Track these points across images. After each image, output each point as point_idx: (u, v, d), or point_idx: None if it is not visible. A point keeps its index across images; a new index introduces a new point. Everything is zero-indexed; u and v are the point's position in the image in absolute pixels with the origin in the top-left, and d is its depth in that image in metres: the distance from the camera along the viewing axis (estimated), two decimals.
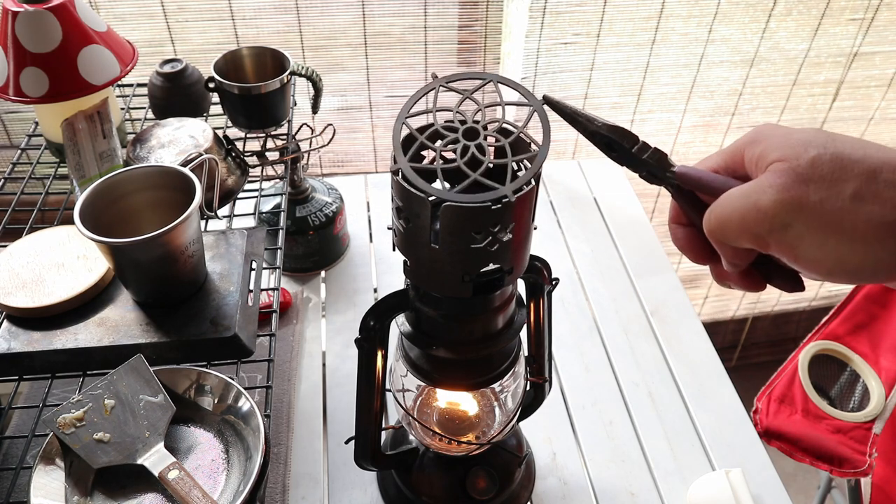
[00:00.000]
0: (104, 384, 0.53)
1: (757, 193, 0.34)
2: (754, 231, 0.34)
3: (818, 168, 0.33)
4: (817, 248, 0.33)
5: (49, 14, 0.70)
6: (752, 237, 0.35)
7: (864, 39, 1.28)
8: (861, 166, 0.32)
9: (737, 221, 0.35)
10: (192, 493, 0.48)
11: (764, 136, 0.36)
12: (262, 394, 0.76)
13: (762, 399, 0.93)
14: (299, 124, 0.89)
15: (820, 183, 0.32)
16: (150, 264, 0.57)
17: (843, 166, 0.32)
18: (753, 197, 0.34)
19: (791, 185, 0.33)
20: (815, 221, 0.32)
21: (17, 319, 0.60)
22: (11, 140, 1.13)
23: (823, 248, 0.33)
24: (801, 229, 0.33)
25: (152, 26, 1.06)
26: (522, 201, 0.44)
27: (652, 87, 1.28)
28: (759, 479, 0.78)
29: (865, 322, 0.91)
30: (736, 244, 0.36)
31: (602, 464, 0.80)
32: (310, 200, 0.96)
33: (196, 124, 0.72)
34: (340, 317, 0.95)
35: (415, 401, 0.69)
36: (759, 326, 1.81)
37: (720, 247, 0.38)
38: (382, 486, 0.75)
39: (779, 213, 0.33)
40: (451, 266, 0.46)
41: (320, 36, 1.12)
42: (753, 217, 0.34)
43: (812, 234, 0.33)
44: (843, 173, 0.32)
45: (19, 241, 0.66)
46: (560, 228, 1.12)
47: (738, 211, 0.35)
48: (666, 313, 0.98)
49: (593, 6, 1.14)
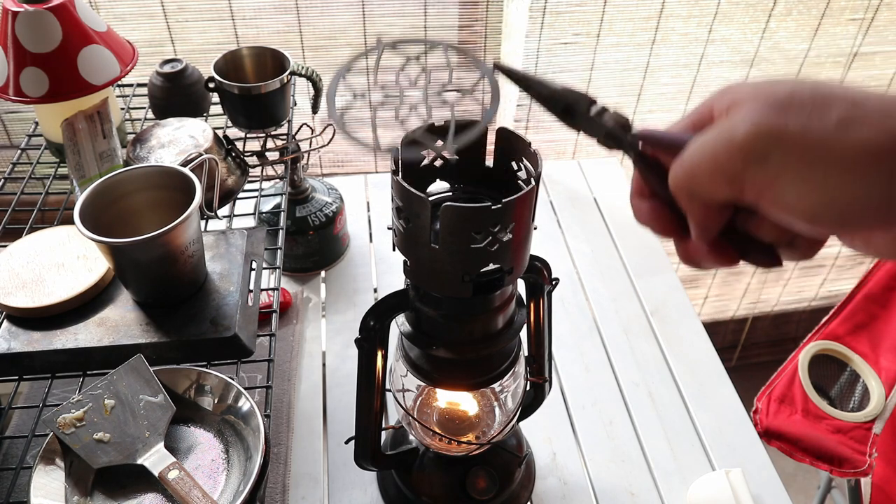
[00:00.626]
0: (104, 384, 0.53)
1: (729, 130, 0.30)
2: (727, 170, 0.30)
3: (797, 96, 0.29)
4: (801, 182, 0.29)
5: (49, 14, 0.70)
6: (725, 179, 0.31)
7: (864, 39, 1.28)
8: (845, 95, 0.29)
9: (708, 163, 0.31)
10: (192, 493, 0.48)
11: (733, 87, 0.33)
12: (262, 394, 0.76)
13: (762, 399, 0.93)
14: (299, 124, 0.89)
15: (800, 110, 0.29)
16: (150, 264, 0.57)
17: (824, 94, 0.29)
18: (726, 133, 0.30)
19: (768, 114, 0.29)
20: (796, 151, 0.29)
21: (17, 319, 0.60)
22: (11, 140, 1.13)
23: (808, 182, 0.29)
24: (781, 160, 0.29)
25: (152, 26, 1.06)
26: (522, 201, 0.44)
27: (652, 87, 1.28)
28: (759, 479, 0.78)
29: (865, 322, 0.91)
30: (707, 195, 0.32)
31: (602, 464, 0.80)
32: (310, 200, 0.96)
33: (196, 124, 0.72)
34: (340, 317, 0.95)
35: (415, 401, 0.69)
36: (759, 326, 1.81)
37: (689, 205, 0.34)
38: (382, 486, 0.75)
39: (756, 144, 0.29)
40: (451, 266, 0.46)
41: (320, 36, 1.12)
42: (725, 153, 0.30)
43: (794, 165, 0.29)
44: (825, 101, 0.29)
45: (19, 241, 0.66)
46: (560, 228, 1.12)
47: (708, 152, 0.31)
48: (666, 313, 0.98)
49: (593, 6, 1.14)
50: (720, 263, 0.36)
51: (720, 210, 0.33)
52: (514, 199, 0.43)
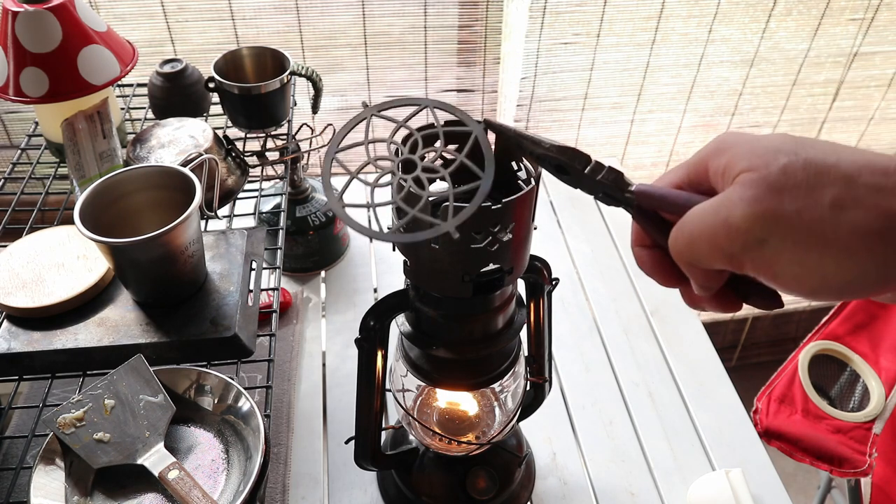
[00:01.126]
0: (104, 384, 0.53)
1: (727, 208, 0.31)
2: (726, 250, 0.31)
3: (791, 176, 0.30)
4: (797, 263, 0.30)
5: (49, 14, 0.70)
6: (724, 257, 0.32)
7: (864, 39, 1.28)
8: (837, 171, 0.29)
9: (706, 241, 0.32)
10: (192, 493, 0.48)
11: (728, 144, 0.33)
12: (262, 394, 0.76)
13: (762, 399, 0.93)
14: (299, 124, 0.89)
15: (795, 192, 0.30)
16: (150, 264, 0.57)
17: (817, 172, 0.30)
18: (723, 213, 0.31)
19: (763, 197, 0.30)
20: (792, 235, 0.30)
21: (17, 319, 0.60)
22: (11, 140, 1.13)
23: (804, 263, 0.30)
24: (778, 244, 0.30)
25: (152, 26, 1.06)
26: (522, 201, 0.44)
27: (652, 87, 1.28)
28: (759, 479, 0.78)
29: (865, 322, 0.91)
30: (707, 265, 0.33)
31: (602, 464, 0.80)
32: (310, 200, 0.96)
33: (196, 124, 0.72)
34: (340, 317, 0.95)
35: (415, 401, 0.69)
36: (759, 326, 1.81)
37: (689, 269, 0.34)
38: (382, 486, 0.75)
39: (752, 228, 0.30)
40: (451, 266, 0.46)
41: (320, 36, 1.12)
42: (724, 235, 0.31)
43: (790, 248, 0.30)
44: (818, 179, 0.29)
45: (19, 241, 0.66)
46: (560, 228, 1.12)
47: (707, 229, 0.32)
48: (666, 313, 0.98)
49: (593, 6, 1.14)
50: (723, 310, 0.37)
51: (719, 273, 0.34)
52: (514, 200, 0.43)
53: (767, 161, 0.31)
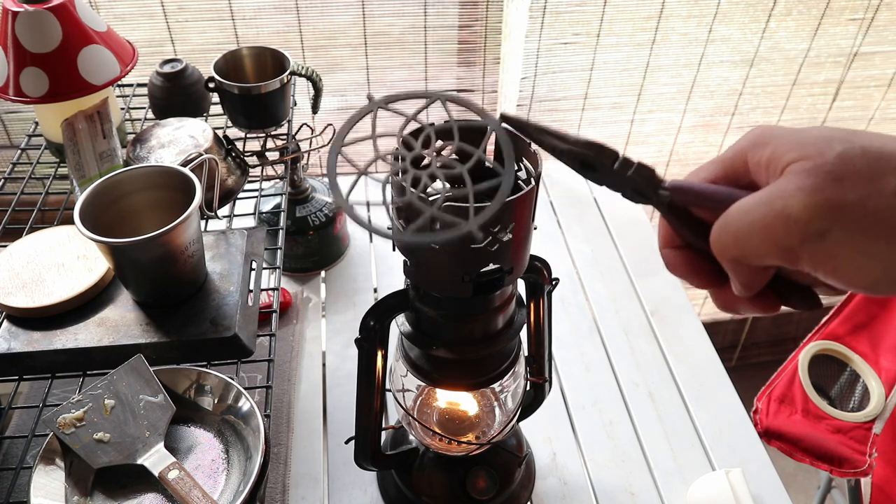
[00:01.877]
0: (104, 384, 0.53)
1: (782, 199, 0.29)
2: (782, 244, 0.29)
3: (850, 164, 0.28)
4: (861, 255, 0.28)
5: (49, 14, 0.70)
6: (778, 251, 0.30)
7: (864, 39, 1.28)
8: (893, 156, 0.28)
9: (759, 235, 0.30)
10: (192, 493, 0.48)
11: (769, 136, 0.31)
12: (262, 394, 0.76)
13: (762, 399, 0.93)
14: (299, 124, 0.89)
15: (856, 179, 0.28)
16: (150, 264, 0.57)
17: (878, 159, 0.28)
18: (778, 204, 0.29)
19: (823, 186, 0.28)
20: (856, 224, 0.28)
21: (17, 319, 0.60)
22: (11, 140, 1.13)
23: (869, 254, 0.28)
24: (841, 235, 0.28)
25: (152, 26, 1.06)
26: (522, 201, 0.44)
27: (652, 87, 1.28)
28: (759, 479, 0.78)
29: (865, 322, 0.91)
30: (756, 262, 0.31)
31: (602, 464, 0.80)
32: (310, 200, 0.96)
33: (196, 124, 0.72)
34: (340, 317, 0.95)
35: (415, 401, 0.69)
36: (759, 326, 1.81)
37: (735, 267, 0.32)
38: (382, 486, 0.75)
39: (813, 218, 0.28)
40: (451, 266, 0.46)
41: (320, 36, 1.12)
42: (781, 227, 0.29)
43: (854, 239, 0.28)
44: (879, 166, 0.28)
45: (19, 241, 0.66)
46: (560, 228, 1.12)
47: (759, 222, 0.30)
48: (666, 313, 0.98)
49: (593, 6, 1.14)
50: (760, 311, 0.35)
51: (766, 270, 0.32)
52: (514, 200, 0.43)
53: (821, 149, 0.29)
